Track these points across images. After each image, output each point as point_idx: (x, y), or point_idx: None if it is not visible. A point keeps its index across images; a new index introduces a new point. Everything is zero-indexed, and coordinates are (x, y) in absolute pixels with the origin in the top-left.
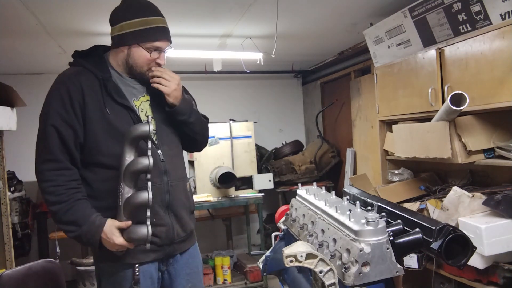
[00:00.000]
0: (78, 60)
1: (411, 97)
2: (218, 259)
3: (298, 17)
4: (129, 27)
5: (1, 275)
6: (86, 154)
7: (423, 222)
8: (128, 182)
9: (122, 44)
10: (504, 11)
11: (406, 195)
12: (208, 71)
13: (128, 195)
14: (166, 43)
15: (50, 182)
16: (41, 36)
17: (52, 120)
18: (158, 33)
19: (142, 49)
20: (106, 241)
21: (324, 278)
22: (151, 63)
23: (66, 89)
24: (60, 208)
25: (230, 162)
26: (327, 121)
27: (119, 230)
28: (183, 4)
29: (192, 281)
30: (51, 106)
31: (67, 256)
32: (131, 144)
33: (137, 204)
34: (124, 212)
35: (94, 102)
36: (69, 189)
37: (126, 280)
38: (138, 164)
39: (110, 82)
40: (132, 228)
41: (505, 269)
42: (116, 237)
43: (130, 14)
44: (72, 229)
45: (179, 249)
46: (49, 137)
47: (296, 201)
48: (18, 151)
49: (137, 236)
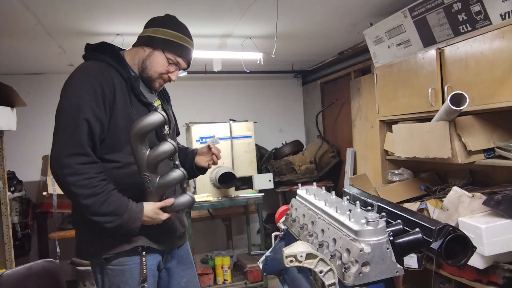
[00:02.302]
0: (98, 55)
1: (411, 97)
2: (218, 259)
3: (298, 17)
4: (163, 34)
5: (1, 275)
6: (104, 150)
7: (423, 222)
8: (152, 170)
9: (149, 44)
10: (504, 11)
11: (406, 195)
12: (208, 71)
13: (157, 179)
14: (186, 63)
15: (81, 175)
16: (41, 36)
17: (85, 113)
18: (185, 51)
19: (164, 57)
20: (151, 222)
21: (324, 278)
22: (164, 73)
23: (99, 83)
24: (96, 200)
25: (230, 162)
26: (327, 121)
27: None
28: (183, 4)
29: (186, 277)
30: (82, 99)
31: (67, 256)
32: (143, 137)
33: (175, 182)
34: (157, 194)
35: (122, 100)
36: (101, 180)
37: (132, 278)
38: (164, 152)
39: (137, 83)
40: (176, 201)
41: (505, 269)
42: (162, 215)
43: (170, 26)
44: (111, 219)
45: (177, 244)
46: (80, 130)
47: (296, 201)
48: (18, 151)
49: (185, 205)
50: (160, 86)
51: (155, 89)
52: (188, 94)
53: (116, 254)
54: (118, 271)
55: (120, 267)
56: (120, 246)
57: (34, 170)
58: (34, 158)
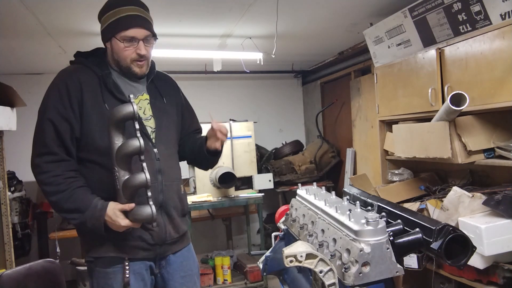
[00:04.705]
0: (78, 59)
1: (411, 97)
2: (218, 259)
3: (298, 17)
4: (105, 23)
5: (1, 275)
6: (82, 150)
7: (423, 222)
8: (122, 165)
9: (105, 40)
10: (504, 11)
11: (406, 195)
12: (208, 71)
13: (124, 178)
14: (140, 31)
15: (47, 173)
16: (41, 36)
17: (48, 114)
18: (130, 21)
19: (117, 41)
20: (112, 224)
21: (324, 278)
22: (132, 54)
23: (65, 85)
24: (60, 197)
25: (230, 162)
26: (327, 121)
27: (122, 212)
28: (183, 4)
29: (186, 284)
30: (48, 100)
31: (67, 256)
32: (117, 127)
33: (135, 186)
34: (124, 195)
35: (92, 98)
36: (67, 178)
37: (116, 282)
38: (129, 147)
39: (109, 78)
40: (136, 209)
41: (505, 269)
42: (121, 219)
43: (105, 11)
44: (75, 216)
45: (171, 250)
46: (45, 130)
47: (296, 201)
48: (18, 151)
49: (142, 217)
50: (140, 68)
51: (140, 75)
52: (188, 94)
53: (101, 258)
54: (104, 273)
55: (105, 269)
56: (104, 251)
57: None
58: None
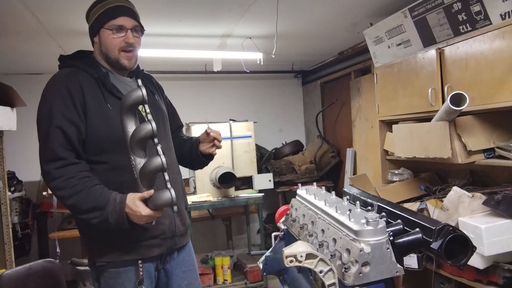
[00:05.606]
0: (68, 62)
1: (411, 97)
2: (218, 259)
3: (298, 17)
4: (94, 15)
5: (1, 275)
6: (87, 152)
7: (423, 222)
8: (137, 153)
9: (93, 34)
10: (504, 11)
11: (406, 195)
12: (208, 71)
13: (140, 165)
14: (129, 20)
15: (59, 178)
16: (41, 36)
17: (56, 121)
18: (118, 10)
19: (106, 30)
20: (133, 215)
21: (324, 278)
22: (120, 43)
23: (66, 88)
24: (77, 198)
25: (230, 162)
26: (327, 121)
27: (143, 201)
28: (183, 4)
29: (187, 279)
30: (52, 106)
31: (67, 256)
32: (129, 113)
33: (152, 170)
34: (142, 183)
35: (94, 99)
36: (81, 178)
37: (128, 281)
38: (141, 131)
39: (107, 78)
40: (155, 195)
41: (505, 269)
42: (142, 208)
43: (94, 4)
44: (96, 214)
45: (179, 243)
46: (53, 137)
47: (296, 201)
48: (18, 151)
49: (162, 202)
50: (129, 61)
51: (128, 68)
52: (188, 94)
53: (113, 262)
54: (114, 273)
55: (116, 269)
56: (115, 255)
57: (34, 170)
58: (34, 158)
